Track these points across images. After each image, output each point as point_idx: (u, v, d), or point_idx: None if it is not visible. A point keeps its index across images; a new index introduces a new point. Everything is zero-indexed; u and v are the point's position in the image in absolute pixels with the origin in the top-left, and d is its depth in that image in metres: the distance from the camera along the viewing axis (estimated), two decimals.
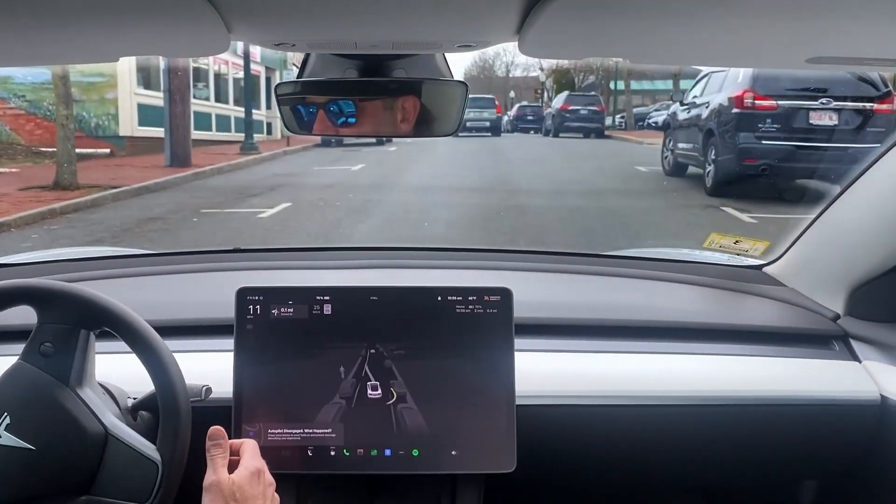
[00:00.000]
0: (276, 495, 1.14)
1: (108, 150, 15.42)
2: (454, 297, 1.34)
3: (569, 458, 1.46)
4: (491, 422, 1.32)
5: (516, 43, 0.94)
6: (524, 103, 35.32)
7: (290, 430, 1.31)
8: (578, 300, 1.71)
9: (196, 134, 16.18)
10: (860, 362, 1.50)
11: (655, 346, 1.51)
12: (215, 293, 1.61)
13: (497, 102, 27.26)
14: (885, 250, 1.49)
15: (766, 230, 6.85)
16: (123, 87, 16.03)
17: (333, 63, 1.15)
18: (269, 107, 22.73)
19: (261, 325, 1.32)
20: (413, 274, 1.79)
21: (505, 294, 1.34)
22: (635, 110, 29.15)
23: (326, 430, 1.31)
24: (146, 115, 16.09)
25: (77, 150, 11.00)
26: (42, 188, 10.03)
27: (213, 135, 19.31)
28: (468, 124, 25.39)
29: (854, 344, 1.54)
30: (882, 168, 1.47)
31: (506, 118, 31.05)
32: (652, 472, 1.54)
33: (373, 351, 1.32)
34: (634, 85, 30.01)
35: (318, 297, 1.34)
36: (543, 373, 1.44)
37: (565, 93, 24.71)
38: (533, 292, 1.67)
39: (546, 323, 1.55)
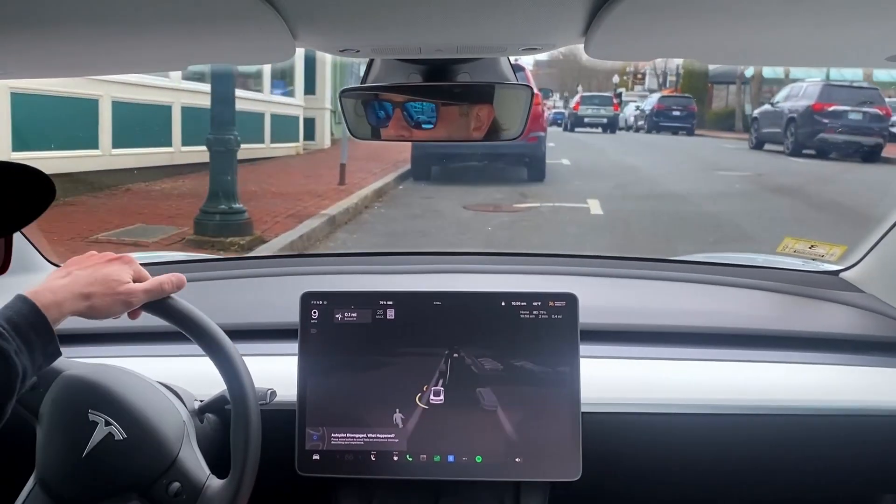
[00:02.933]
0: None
1: None
2: (518, 303, 1.32)
3: (635, 468, 1.43)
4: (556, 429, 1.30)
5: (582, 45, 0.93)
6: (666, 94, 28.77)
7: (353, 435, 1.31)
8: (646, 306, 1.67)
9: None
10: None
11: (726, 354, 1.47)
12: (280, 297, 1.63)
13: (615, 101, 26.88)
14: None
15: None
16: None
17: (397, 68, 1.15)
18: (312, 91, 14.86)
19: (325, 330, 1.33)
20: (476, 279, 1.77)
21: (570, 299, 1.32)
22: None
23: (389, 435, 1.31)
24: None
25: None
26: None
27: (267, 148, 12.20)
28: (586, 120, 25.20)
29: None
30: None
31: (630, 115, 27.68)
32: (721, 483, 1.49)
33: (436, 356, 1.32)
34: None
35: (381, 302, 1.34)
36: (610, 380, 1.41)
37: (819, 82, 14.74)
38: (599, 298, 1.64)
39: (612, 329, 1.52)
